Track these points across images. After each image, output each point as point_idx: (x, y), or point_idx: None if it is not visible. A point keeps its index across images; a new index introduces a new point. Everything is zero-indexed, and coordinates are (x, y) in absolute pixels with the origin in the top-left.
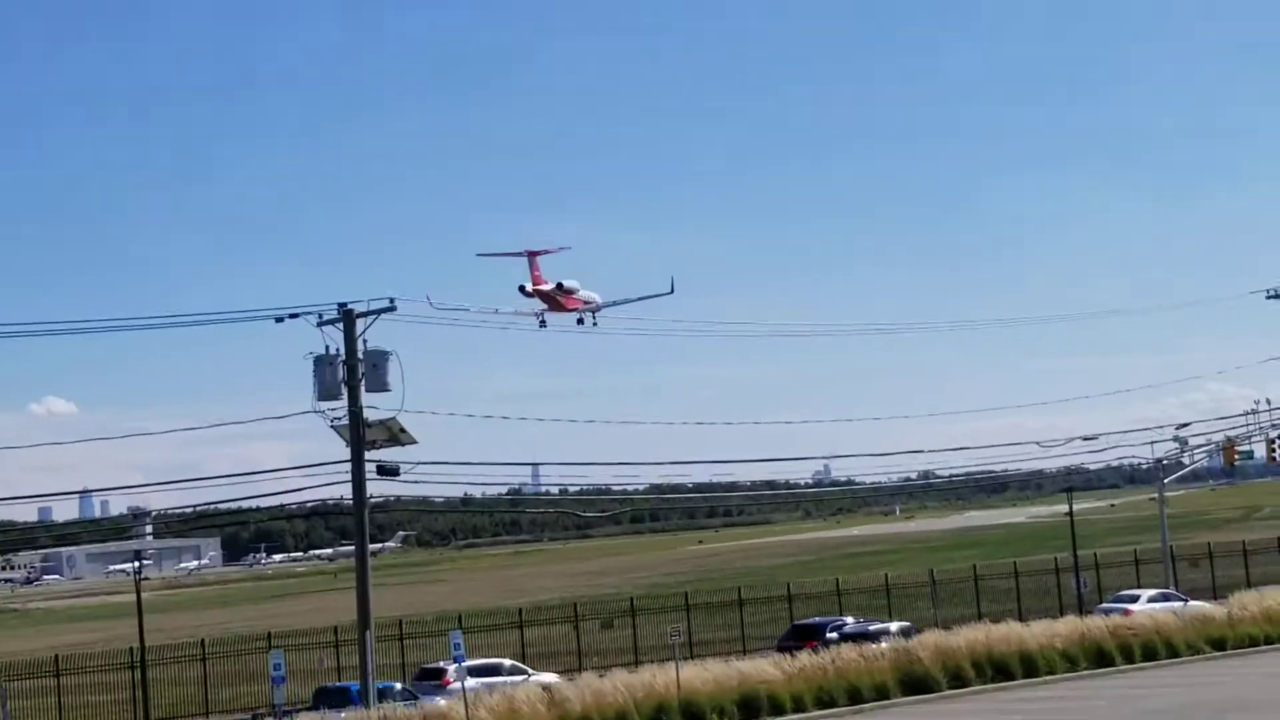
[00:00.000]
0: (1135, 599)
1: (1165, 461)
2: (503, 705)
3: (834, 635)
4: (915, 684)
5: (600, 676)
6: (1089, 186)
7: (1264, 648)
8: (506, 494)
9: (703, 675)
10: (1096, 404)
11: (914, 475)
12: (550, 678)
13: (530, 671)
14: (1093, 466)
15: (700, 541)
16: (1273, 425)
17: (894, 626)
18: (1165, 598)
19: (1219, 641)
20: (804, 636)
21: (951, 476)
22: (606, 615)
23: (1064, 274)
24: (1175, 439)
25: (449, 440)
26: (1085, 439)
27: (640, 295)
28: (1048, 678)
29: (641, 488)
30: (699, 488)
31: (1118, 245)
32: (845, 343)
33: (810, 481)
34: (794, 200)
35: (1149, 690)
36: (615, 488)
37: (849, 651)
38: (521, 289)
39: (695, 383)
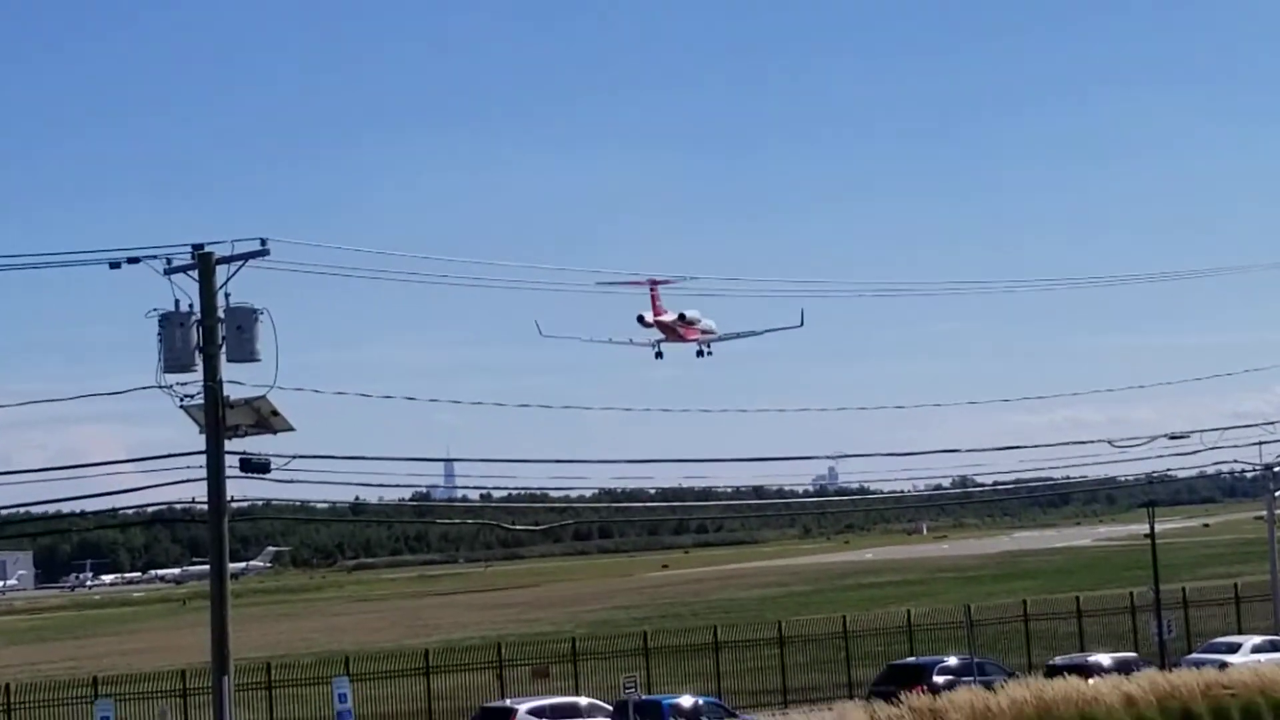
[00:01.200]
0: (1236, 648)
1: (1276, 469)
2: None
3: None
4: None
5: None
6: (1170, 110)
7: None
8: (411, 499)
9: None
10: (1185, 392)
11: (947, 482)
12: None
13: (611, 709)
14: (1181, 474)
15: (665, 566)
16: None
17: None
18: (1275, 646)
19: None
20: (905, 680)
21: (996, 484)
22: (540, 660)
23: (1139, 225)
24: None
25: (337, 428)
26: (1172, 438)
27: (767, 328)
28: None
29: (589, 494)
30: (664, 495)
31: (1207, 185)
32: (854, 306)
33: (811, 489)
34: (774, 121)
35: None
36: (554, 493)
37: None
38: (640, 319)
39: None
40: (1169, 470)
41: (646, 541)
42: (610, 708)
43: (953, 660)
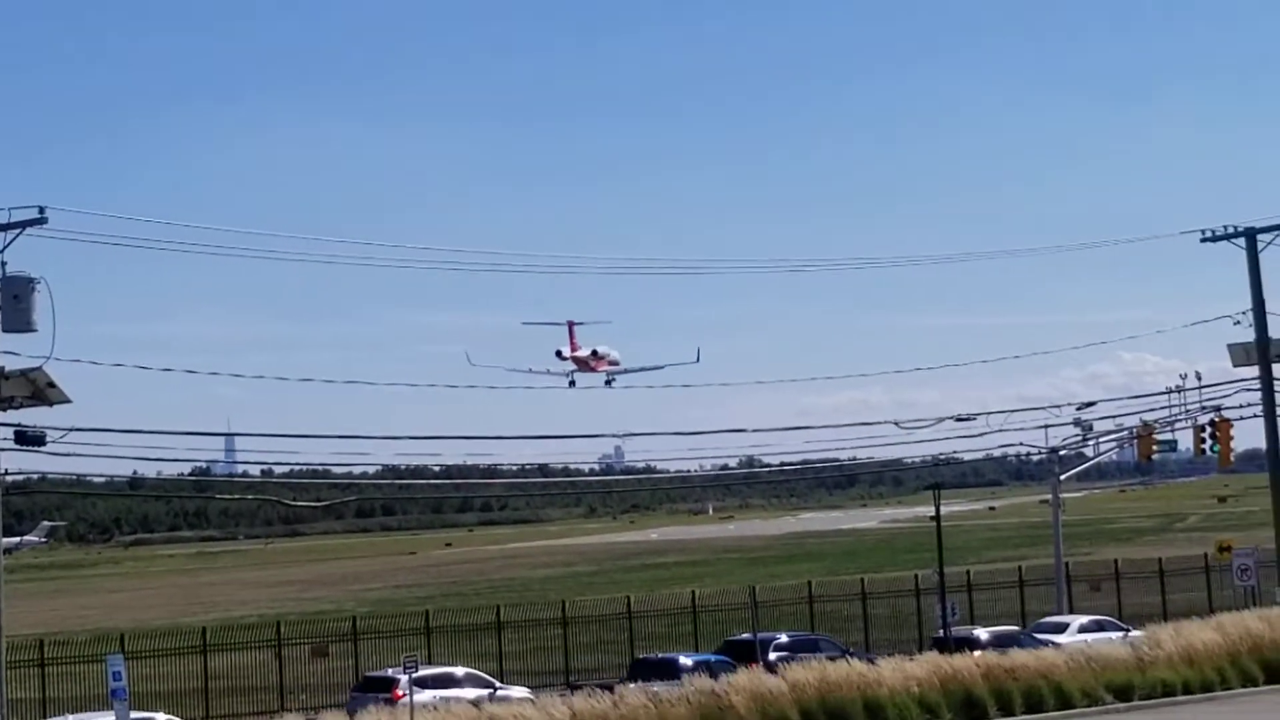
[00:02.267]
0: (1063, 628)
1: (1062, 453)
2: None
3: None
4: None
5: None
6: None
7: (1181, 699)
8: (190, 474)
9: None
10: (972, 375)
11: (733, 463)
12: None
13: (498, 685)
14: (967, 456)
15: (449, 544)
16: (1202, 408)
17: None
18: (1100, 626)
19: (1124, 689)
20: (742, 655)
21: (783, 465)
22: (320, 639)
23: (928, 206)
24: (1076, 423)
25: (115, 401)
26: (958, 420)
27: (665, 364)
28: None
29: (372, 470)
30: (449, 473)
31: (999, 167)
32: (642, 283)
33: (597, 468)
34: (565, 92)
35: None
36: (337, 469)
37: (635, 697)
38: (559, 353)
39: (444, 333)
40: (955, 452)
41: (430, 519)
42: (497, 683)
43: (784, 637)
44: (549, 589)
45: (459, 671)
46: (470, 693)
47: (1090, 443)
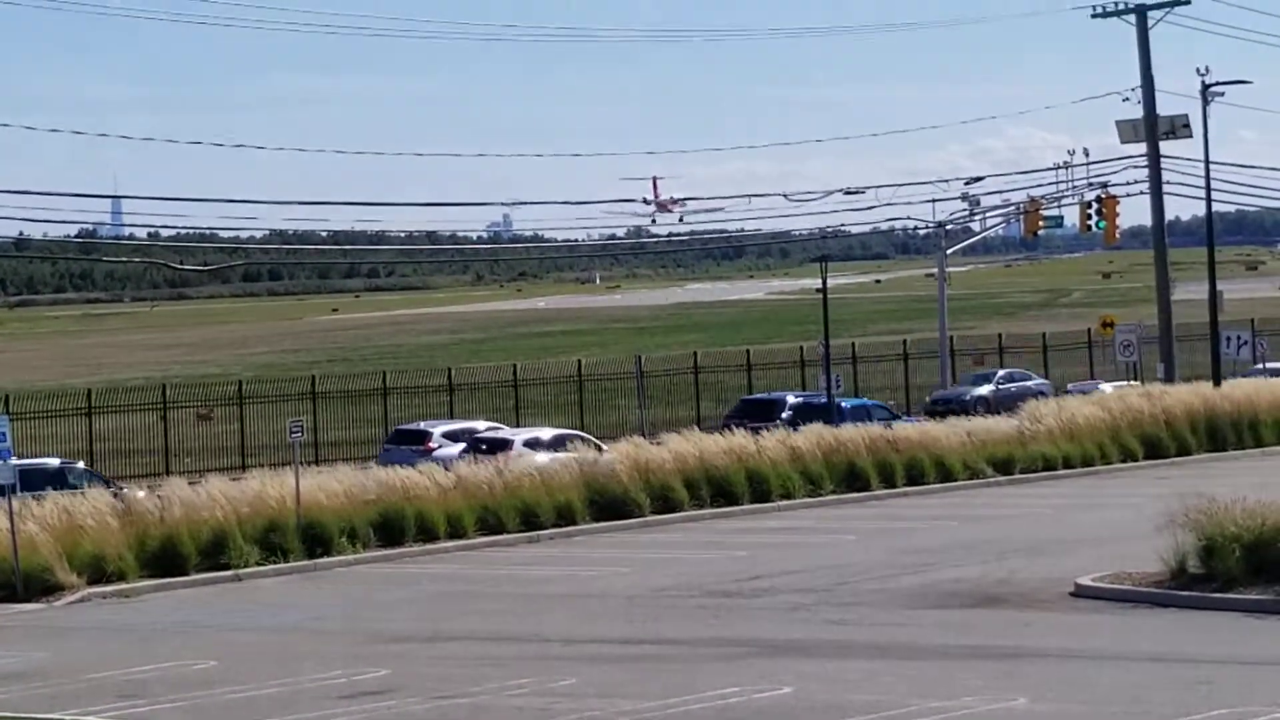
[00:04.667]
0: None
1: (949, 227)
2: (61, 520)
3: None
4: (607, 507)
5: (192, 485)
6: None
7: (1061, 472)
8: (76, 236)
9: (330, 487)
10: (860, 148)
11: (621, 233)
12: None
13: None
14: (855, 230)
15: (335, 310)
16: (1089, 184)
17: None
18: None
19: (1005, 463)
20: (758, 415)
21: (670, 236)
22: (204, 403)
23: None
24: (963, 197)
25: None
26: (847, 193)
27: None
28: (782, 504)
29: (259, 235)
30: (336, 238)
31: None
32: (532, 49)
33: (484, 235)
34: None
35: (911, 523)
36: (224, 234)
37: (520, 463)
38: (644, 200)
39: (333, 97)
40: (843, 225)
41: (317, 285)
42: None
43: (793, 398)
44: (436, 356)
45: (480, 425)
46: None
47: (977, 218)
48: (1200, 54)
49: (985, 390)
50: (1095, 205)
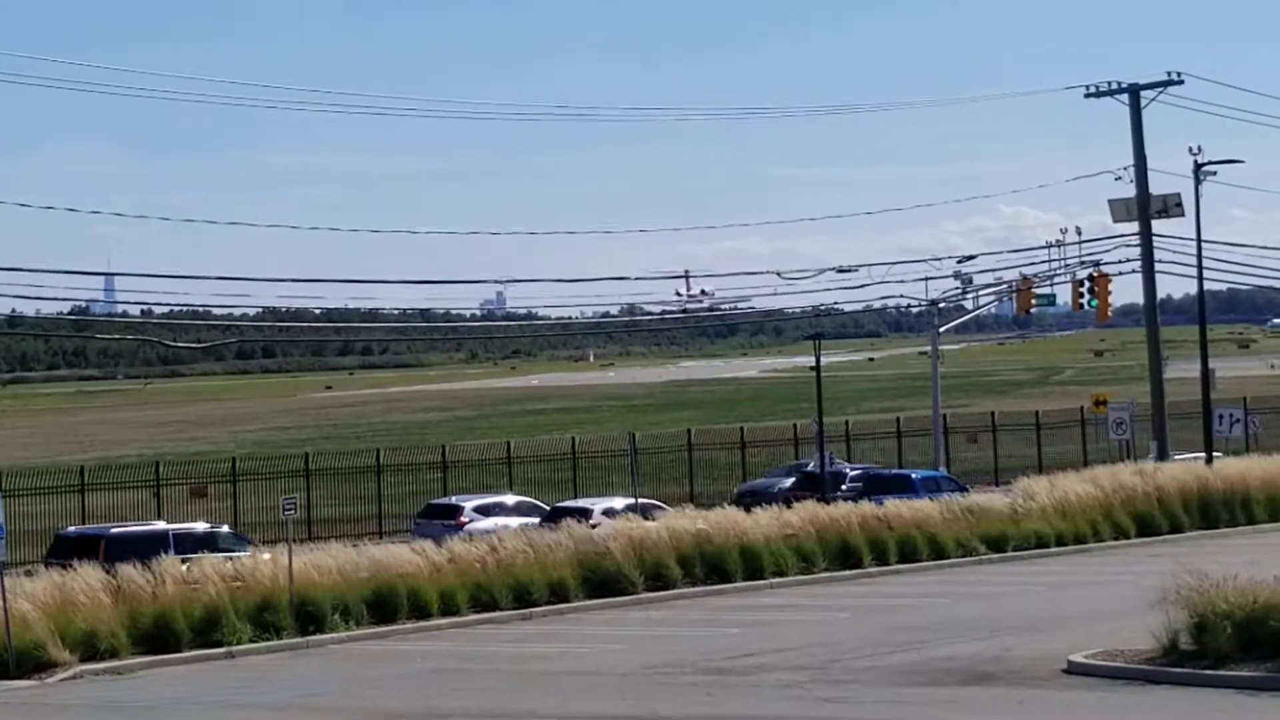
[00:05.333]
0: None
1: (942, 305)
2: (53, 597)
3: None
4: (601, 584)
5: (185, 562)
6: None
7: (1054, 550)
8: (70, 313)
9: (324, 564)
10: (854, 227)
11: (615, 310)
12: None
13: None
14: (848, 308)
15: (329, 387)
16: (1081, 263)
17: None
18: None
19: (998, 541)
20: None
21: (664, 314)
22: (198, 479)
23: (810, 53)
24: (956, 275)
25: None
26: (840, 271)
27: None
28: (775, 580)
29: (252, 313)
30: (329, 315)
31: (885, 19)
32: (529, 130)
33: (478, 313)
34: None
35: (905, 600)
36: (217, 311)
37: (515, 541)
38: (677, 293)
39: (326, 175)
40: (836, 303)
41: (311, 362)
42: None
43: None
44: (429, 433)
45: (509, 500)
46: (524, 519)
47: (970, 296)
48: (1193, 133)
49: (790, 483)
50: (1087, 284)
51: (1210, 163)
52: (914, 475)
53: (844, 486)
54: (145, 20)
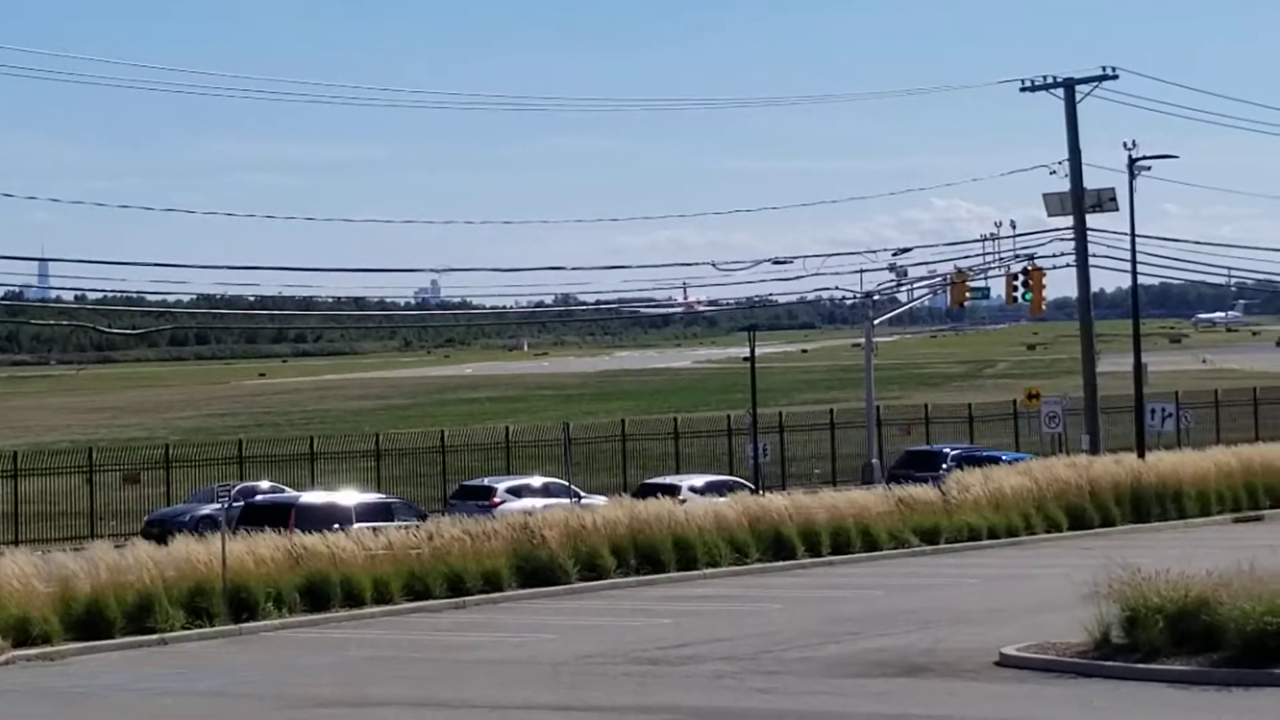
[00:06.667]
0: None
1: (876, 297)
2: None
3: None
4: (535, 574)
5: (118, 548)
6: None
7: (986, 542)
8: (2, 298)
9: (258, 551)
10: (787, 219)
11: (550, 299)
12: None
13: (583, 494)
14: (782, 299)
15: (262, 374)
16: (1016, 256)
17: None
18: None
19: (930, 533)
20: (921, 465)
21: (599, 303)
22: (131, 466)
23: (745, 47)
24: (890, 268)
25: None
26: (775, 263)
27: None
28: (708, 571)
29: (187, 299)
30: (264, 303)
31: (817, 16)
32: (462, 116)
33: (413, 301)
34: None
35: (838, 592)
36: (151, 297)
37: (450, 528)
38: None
39: (263, 163)
40: (770, 295)
41: (244, 350)
42: (582, 494)
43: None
44: (363, 421)
45: (536, 481)
46: (553, 500)
47: (904, 288)
48: (1128, 128)
49: (209, 510)
50: (1021, 277)
51: (1144, 158)
52: (1004, 457)
53: (944, 466)
54: (84, 5)
